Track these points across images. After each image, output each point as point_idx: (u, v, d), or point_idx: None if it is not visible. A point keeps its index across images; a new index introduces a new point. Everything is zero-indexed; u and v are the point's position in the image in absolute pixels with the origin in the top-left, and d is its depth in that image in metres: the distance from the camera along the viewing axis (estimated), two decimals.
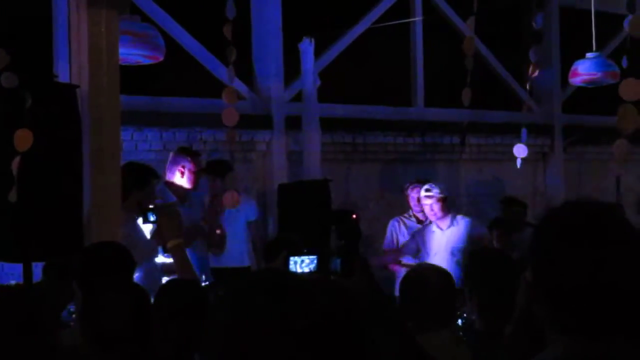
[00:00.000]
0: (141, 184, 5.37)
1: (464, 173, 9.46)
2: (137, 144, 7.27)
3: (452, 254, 6.89)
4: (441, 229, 7.05)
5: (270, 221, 7.87)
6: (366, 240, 7.56)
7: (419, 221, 7.50)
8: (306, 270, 3.43)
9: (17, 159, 4.01)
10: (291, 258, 3.40)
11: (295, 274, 2.99)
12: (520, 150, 6.87)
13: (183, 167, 6.30)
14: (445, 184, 7.67)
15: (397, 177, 8.77)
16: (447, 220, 7.04)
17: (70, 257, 4.16)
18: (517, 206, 8.09)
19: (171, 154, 6.51)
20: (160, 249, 5.34)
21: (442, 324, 3.31)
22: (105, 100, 4.53)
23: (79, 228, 4.37)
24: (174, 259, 4.25)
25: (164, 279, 5.09)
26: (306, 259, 3.47)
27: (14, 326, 2.36)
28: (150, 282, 4.70)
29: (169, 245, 4.14)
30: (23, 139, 4.02)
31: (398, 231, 7.55)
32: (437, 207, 7.00)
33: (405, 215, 7.61)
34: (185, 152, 6.47)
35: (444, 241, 7.01)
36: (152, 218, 4.93)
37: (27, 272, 4.18)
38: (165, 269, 5.36)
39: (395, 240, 7.54)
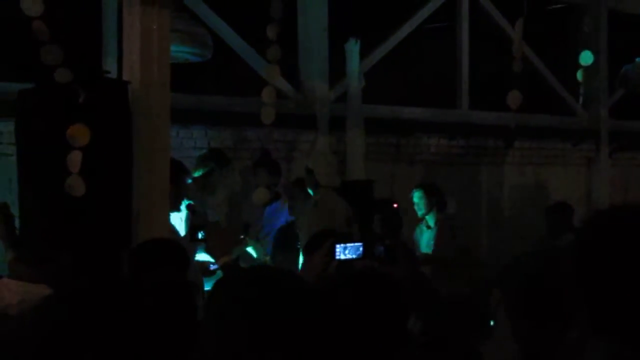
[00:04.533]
0: (174, 181, 5.33)
1: (507, 177, 9.38)
2: (182, 141, 7.31)
3: None
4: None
5: None
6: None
7: None
8: (353, 257, 3.40)
9: (74, 154, 4.04)
10: (337, 246, 3.38)
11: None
12: None
13: None
14: (489, 187, 7.62)
15: (440, 180, 8.71)
16: None
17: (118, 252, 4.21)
18: (564, 211, 7.96)
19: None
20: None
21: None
22: (156, 97, 4.56)
23: (128, 223, 4.42)
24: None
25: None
26: (351, 246, 3.45)
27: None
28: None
29: (220, 263, 4.17)
30: (79, 133, 4.06)
31: None
32: None
33: None
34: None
35: None
36: (200, 236, 5.00)
37: (77, 266, 4.23)
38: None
39: None
